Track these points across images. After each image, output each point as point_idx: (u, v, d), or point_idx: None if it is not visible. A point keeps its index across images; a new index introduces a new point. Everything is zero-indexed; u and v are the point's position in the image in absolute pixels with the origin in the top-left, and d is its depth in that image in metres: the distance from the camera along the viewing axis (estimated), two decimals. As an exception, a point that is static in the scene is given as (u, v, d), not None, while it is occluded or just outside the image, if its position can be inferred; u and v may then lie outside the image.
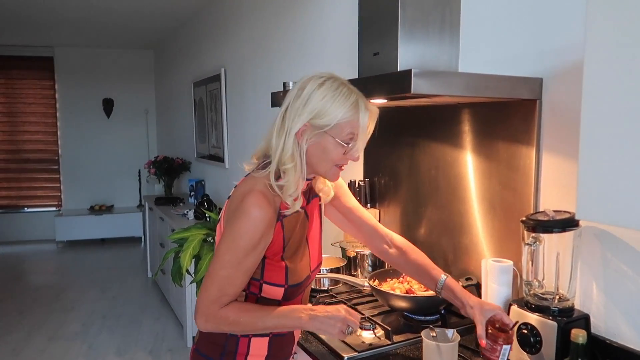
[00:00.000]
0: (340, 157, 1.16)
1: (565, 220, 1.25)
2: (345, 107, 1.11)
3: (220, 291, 1.13)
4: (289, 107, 1.14)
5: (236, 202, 1.14)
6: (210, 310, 1.13)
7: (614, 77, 0.90)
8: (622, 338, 1.24)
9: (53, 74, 6.92)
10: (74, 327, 3.99)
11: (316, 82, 1.13)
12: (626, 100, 0.88)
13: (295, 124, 1.12)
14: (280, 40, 3.14)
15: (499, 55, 1.57)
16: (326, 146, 1.14)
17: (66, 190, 7.08)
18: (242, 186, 1.18)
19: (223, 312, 1.14)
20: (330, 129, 1.11)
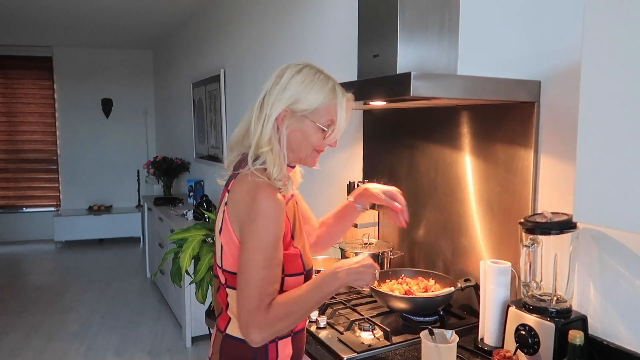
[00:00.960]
0: (319, 142, 1.19)
1: (562, 222, 1.26)
2: (324, 92, 1.14)
3: (261, 295, 1.09)
4: (267, 93, 1.16)
5: (246, 202, 1.10)
6: (260, 318, 1.09)
7: (611, 81, 0.91)
8: (619, 339, 1.25)
9: (52, 74, 6.92)
10: (72, 328, 3.99)
11: (294, 69, 1.16)
12: (623, 103, 0.89)
13: (275, 109, 1.14)
14: (279, 42, 3.14)
15: (498, 58, 1.58)
16: (306, 131, 1.17)
17: (65, 190, 7.08)
18: (242, 185, 1.14)
19: (272, 314, 1.10)
20: (310, 114, 1.15)
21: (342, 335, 1.51)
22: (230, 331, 1.22)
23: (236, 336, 1.20)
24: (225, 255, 1.18)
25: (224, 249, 1.18)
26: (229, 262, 1.18)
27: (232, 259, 1.17)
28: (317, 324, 1.59)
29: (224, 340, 1.23)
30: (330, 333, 1.54)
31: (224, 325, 1.23)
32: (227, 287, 1.21)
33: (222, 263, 1.20)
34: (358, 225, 2.13)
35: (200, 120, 4.96)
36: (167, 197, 5.15)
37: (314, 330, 1.57)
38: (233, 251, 1.16)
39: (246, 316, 1.09)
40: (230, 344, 1.22)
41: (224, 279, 1.22)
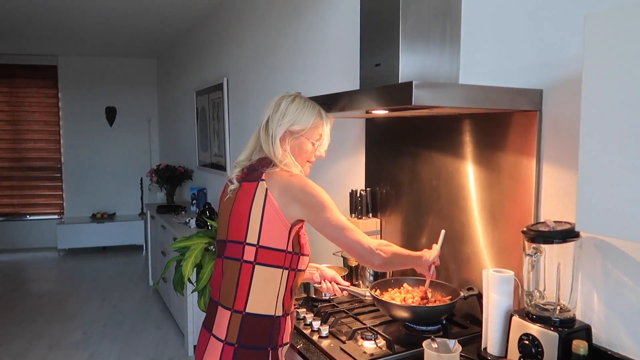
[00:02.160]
0: (311, 155, 1.50)
1: (565, 231, 1.26)
2: (313, 116, 1.46)
3: (357, 230, 1.40)
4: (270, 119, 1.44)
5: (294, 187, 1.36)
6: (373, 242, 1.40)
7: (612, 90, 0.91)
8: (623, 349, 1.25)
9: (56, 83, 6.96)
10: (75, 336, 3.99)
11: (288, 99, 1.46)
12: (624, 113, 0.89)
13: (279, 132, 1.43)
14: (282, 51, 3.16)
15: (500, 67, 1.58)
16: (302, 146, 1.47)
17: (68, 198, 7.10)
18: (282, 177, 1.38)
19: (377, 240, 1.45)
20: (305, 133, 1.45)
21: (345, 345, 1.50)
22: (251, 309, 1.37)
23: (257, 312, 1.37)
24: (266, 233, 1.36)
25: (264, 227, 1.35)
26: (270, 239, 1.36)
27: (276, 235, 1.36)
28: (319, 333, 1.59)
29: (244, 319, 1.37)
30: (333, 342, 1.54)
31: (243, 305, 1.37)
32: (256, 264, 1.36)
33: (258, 240, 1.36)
34: (360, 234, 2.13)
35: (204, 128, 4.97)
36: (170, 205, 5.16)
37: (316, 339, 1.56)
38: (278, 228, 1.35)
39: (363, 246, 1.38)
40: (251, 321, 1.37)
41: (253, 256, 1.36)
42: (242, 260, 1.38)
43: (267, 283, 1.37)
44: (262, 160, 1.44)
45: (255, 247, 1.36)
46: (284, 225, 1.36)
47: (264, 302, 1.37)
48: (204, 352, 1.42)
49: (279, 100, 1.46)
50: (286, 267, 1.38)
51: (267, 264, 1.36)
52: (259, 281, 1.37)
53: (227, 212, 1.45)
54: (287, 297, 1.40)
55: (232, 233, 1.41)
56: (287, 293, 1.40)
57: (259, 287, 1.37)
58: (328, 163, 2.57)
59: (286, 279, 1.39)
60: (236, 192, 1.44)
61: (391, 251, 1.43)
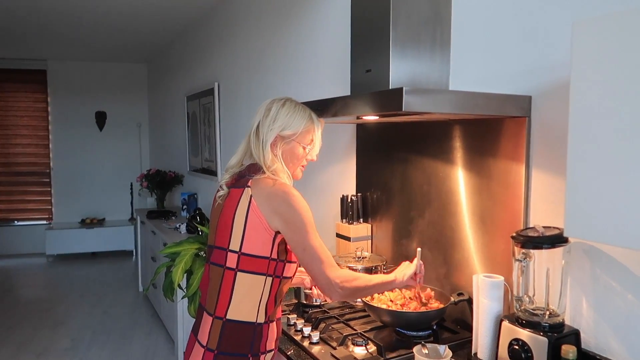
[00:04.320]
0: (302, 159, 1.48)
1: (554, 236, 1.27)
2: (304, 120, 1.44)
3: (328, 258, 1.34)
4: (260, 124, 1.43)
5: (282, 198, 1.33)
6: (338, 275, 1.33)
7: (600, 96, 0.92)
8: (612, 354, 1.25)
9: (46, 87, 6.91)
10: (63, 343, 3.94)
11: (279, 103, 1.44)
12: (612, 119, 0.90)
13: (270, 136, 1.41)
14: (273, 56, 3.16)
15: (489, 73, 1.59)
16: (293, 151, 1.45)
17: (57, 204, 7.03)
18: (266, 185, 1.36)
19: (345, 271, 1.40)
20: (296, 137, 1.43)
21: (335, 351, 1.50)
22: (231, 316, 1.36)
23: (238, 319, 1.36)
24: (249, 240, 1.34)
25: (247, 234, 1.34)
26: (253, 246, 1.34)
27: (258, 243, 1.34)
28: (310, 339, 1.58)
29: (225, 325, 1.36)
30: (323, 348, 1.53)
31: (224, 312, 1.37)
32: (238, 271, 1.35)
33: (240, 247, 1.35)
34: (351, 239, 2.13)
35: (194, 133, 4.96)
36: (160, 210, 5.13)
37: (306, 345, 1.56)
38: (261, 235, 1.34)
39: (325, 273, 1.32)
40: (232, 327, 1.36)
41: (235, 263, 1.35)
42: (225, 267, 1.37)
43: (249, 290, 1.36)
44: (252, 167, 1.44)
45: (237, 254, 1.35)
46: (268, 232, 1.34)
47: (245, 309, 1.36)
48: (189, 357, 1.42)
49: (269, 104, 1.45)
50: (270, 274, 1.37)
51: (249, 271, 1.35)
52: (241, 288, 1.36)
53: (216, 218, 1.45)
54: (270, 304, 1.39)
55: (218, 239, 1.41)
56: (271, 300, 1.39)
57: (240, 294, 1.36)
58: (319, 168, 2.57)
59: (269, 286, 1.37)
60: (224, 198, 1.43)
61: (353, 286, 1.36)
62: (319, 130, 1.49)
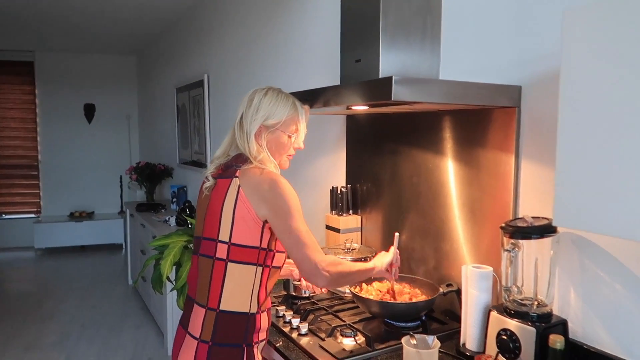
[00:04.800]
0: (288, 148, 1.46)
1: (543, 226, 1.26)
2: (287, 108, 1.42)
3: (313, 243, 1.33)
4: (244, 115, 1.42)
5: (269, 187, 1.32)
6: (322, 259, 1.31)
7: (590, 86, 0.91)
8: (600, 343, 1.26)
9: (33, 79, 6.81)
10: (52, 337, 3.91)
11: (261, 93, 1.43)
12: (601, 109, 0.89)
13: (253, 127, 1.40)
14: (263, 47, 3.13)
15: (480, 63, 1.58)
16: (278, 140, 1.43)
17: (45, 197, 6.96)
18: (254, 174, 1.35)
19: (330, 256, 1.38)
20: (280, 126, 1.41)
21: (324, 342, 1.49)
22: (225, 306, 1.35)
23: (232, 310, 1.35)
24: (238, 230, 1.33)
25: (236, 224, 1.33)
26: (242, 236, 1.33)
27: (247, 233, 1.33)
28: (298, 331, 1.57)
29: (219, 316, 1.35)
30: (312, 340, 1.52)
31: (217, 303, 1.36)
32: (229, 261, 1.34)
33: (230, 237, 1.34)
34: (341, 231, 2.12)
35: (184, 125, 4.92)
36: (149, 203, 5.09)
37: (295, 337, 1.55)
38: (250, 225, 1.33)
39: (311, 259, 1.30)
40: (226, 318, 1.35)
41: (225, 253, 1.35)
42: (215, 258, 1.36)
43: (240, 280, 1.35)
44: (238, 157, 1.42)
45: (227, 244, 1.34)
46: (256, 222, 1.33)
47: (238, 299, 1.35)
48: (180, 350, 1.40)
49: (252, 94, 1.44)
50: (260, 263, 1.36)
51: (240, 262, 1.34)
52: (233, 278, 1.35)
53: (204, 209, 1.43)
54: (261, 294, 1.38)
55: (207, 230, 1.40)
56: (262, 289, 1.38)
57: (232, 285, 1.35)
58: (309, 160, 2.56)
59: (260, 275, 1.37)
60: (211, 189, 1.42)
61: (337, 271, 1.35)
62: (303, 118, 1.47)
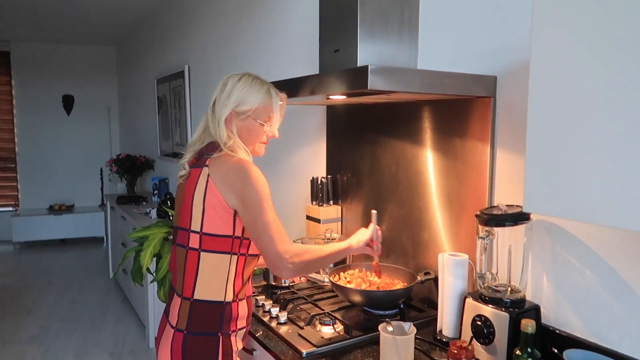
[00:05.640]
0: (261, 136, 1.43)
1: (516, 214, 1.29)
2: (261, 94, 1.38)
3: (279, 233, 1.30)
4: (217, 100, 1.39)
5: (238, 174, 1.30)
6: (288, 249, 1.29)
7: (558, 74, 0.93)
8: (570, 327, 1.29)
9: (9, 69, 6.67)
10: (30, 331, 3.86)
11: (235, 78, 1.40)
12: (570, 96, 0.91)
13: (223, 113, 1.37)
14: (243, 38, 3.11)
15: (457, 54, 1.60)
16: (250, 127, 1.40)
17: (23, 190, 6.84)
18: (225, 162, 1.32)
19: (296, 245, 1.34)
20: (252, 113, 1.38)
21: (303, 330, 1.50)
22: (199, 295, 1.35)
23: (205, 299, 1.35)
24: (209, 219, 1.32)
25: (206, 214, 1.32)
26: (213, 225, 1.32)
27: (218, 222, 1.32)
28: (277, 320, 1.58)
29: (193, 305, 1.35)
30: (291, 328, 1.53)
31: (191, 292, 1.36)
32: (202, 251, 1.34)
33: (201, 227, 1.33)
34: (321, 221, 2.13)
35: (165, 117, 4.87)
36: (130, 196, 5.04)
37: (274, 326, 1.56)
38: (220, 214, 1.31)
39: (276, 251, 1.28)
40: (200, 307, 1.35)
41: (197, 243, 1.34)
42: (188, 248, 1.36)
43: (214, 269, 1.34)
44: (210, 145, 1.40)
45: (199, 234, 1.34)
46: (227, 211, 1.31)
47: (212, 288, 1.35)
48: (161, 338, 1.41)
49: (226, 79, 1.41)
50: (234, 252, 1.35)
51: (212, 251, 1.33)
52: (206, 268, 1.34)
53: (179, 199, 1.43)
54: (237, 282, 1.38)
55: (181, 220, 1.39)
56: (238, 278, 1.38)
57: (206, 274, 1.34)
58: (289, 150, 2.56)
59: (235, 264, 1.36)
60: (186, 178, 1.41)
61: (304, 260, 1.31)
62: (278, 106, 1.43)
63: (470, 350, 1.21)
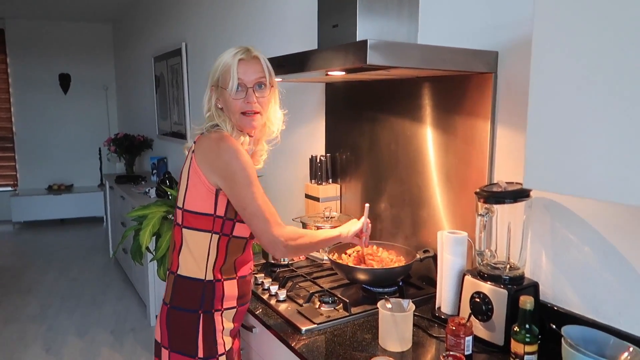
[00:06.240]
0: (239, 105, 1.31)
1: (516, 191, 1.28)
2: (223, 59, 1.30)
3: (272, 215, 1.28)
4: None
5: (216, 151, 1.26)
6: (282, 233, 1.28)
7: (561, 49, 0.91)
8: (568, 304, 1.29)
9: (4, 48, 6.59)
10: (31, 310, 3.89)
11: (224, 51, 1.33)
12: (571, 71, 0.89)
13: (207, 88, 1.36)
14: (241, 13, 3.06)
15: (458, 29, 1.57)
16: (224, 99, 1.32)
17: (22, 169, 6.82)
18: (207, 138, 1.30)
19: (290, 228, 1.32)
20: (221, 82, 1.31)
21: (302, 308, 1.51)
22: (181, 271, 1.35)
23: (186, 275, 1.34)
24: (190, 196, 1.31)
25: (188, 191, 1.32)
26: (193, 203, 1.31)
27: (198, 199, 1.30)
28: (276, 297, 1.59)
29: (176, 280, 1.36)
30: (290, 306, 1.54)
31: (175, 267, 1.37)
32: (183, 227, 1.34)
33: (183, 204, 1.33)
34: (320, 200, 2.12)
35: (163, 96, 4.82)
36: (129, 175, 5.03)
37: (273, 303, 1.56)
38: (201, 192, 1.29)
39: (268, 232, 1.27)
40: (181, 283, 1.35)
41: (181, 219, 1.35)
42: (175, 224, 1.38)
43: (194, 247, 1.33)
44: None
45: (181, 210, 1.34)
46: (208, 189, 1.29)
47: (192, 265, 1.34)
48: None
49: None
50: (216, 231, 1.32)
51: (193, 228, 1.32)
52: (188, 244, 1.34)
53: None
54: (219, 262, 1.34)
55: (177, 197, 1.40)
56: (220, 258, 1.34)
57: (187, 251, 1.34)
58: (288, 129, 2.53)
59: (216, 243, 1.32)
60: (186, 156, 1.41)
61: (298, 244, 1.32)
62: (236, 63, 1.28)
63: (468, 326, 1.21)
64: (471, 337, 1.22)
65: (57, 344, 3.34)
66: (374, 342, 1.32)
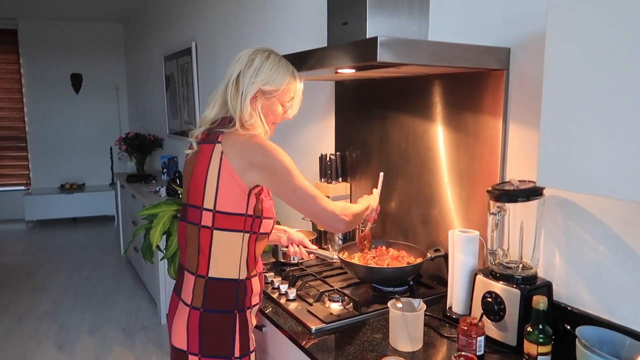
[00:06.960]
0: (279, 117, 1.43)
1: (529, 189, 1.26)
2: (287, 76, 1.37)
3: (320, 194, 1.36)
4: (241, 74, 1.35)
5: (252, 151, 1.29)
6: (335, 207, 1.37)
7: (575, 45, 0.89)
8: (582, 304, 1.27)
9: (17, 48, 6.66)
10: (44, 307, 3.93)
11: (263, 55, 1.36)
12: (585, 68, 0.87)
13: (251, 90, 1.34)
14: (250, 12, 3.06)
15: (469, 26, 1.55)
16: (273, 108, 1.39)
17: (35, 169, 6.90)
18: (238, 138, 1.30)
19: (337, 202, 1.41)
20: (277, 94, 1.37)
21: (312, 307, 1.50)
22: (213, 274, 1.34)
23: (220, 277, 1.34)
24: (222, 197, 1.30)
25: (220, 192, 1.30)
26: (227, 203, 1.30)
27: (232, 200, 1.30)
28: (286, 296, 1.58)
29: (208, 283, 1.34)
30: (300, 305, 1.53)
31: (205, 270, 1.34)
32: (215, 229, 1.32)
33: (215, 205, 1.31)
34: (330, 198, 2.11)
35: (173, 95, 4.84)
36: (140, 174, 5.06)
37: (283, 302, 1.56)
38: (234, 192, 1.29)
39: (326, 212, 1.36)
40: (215, 285, 1.34)
41: (210, 221, 1.32)
42: (200, 226, 1.34)
43: (227, 247, 1.33)
44: (224, 120, 1.36)
45: (212, 212, 1.31)
46: (242, 189, 1.29)
47: (226, 266, 1.34)
48: (174, 316, 1.40)
49: (253, 54, 1.37)
50: (247, 230, 1.33)
51: (225, 229, 1.31)
52: (219, 246, 1.33)
53: (188, 175, 1.40)
54: (250, 260, 1.36)
55: (192, 197, 1.37)
56: (251, 256, 1.37)
57: (219, 252, 1.33)
58: (298, 127, 2.53)
59: (247, 242, 1.34)
60: (196, 154, 1.37)
61: (351, 213, 1.42)
62: (300, 89, 1.43)
63: (480, 326, 1.20)
64: (483, 337, 1.20)
65: (70, 341, 3.37)
66: (385, 341, 1.31)
